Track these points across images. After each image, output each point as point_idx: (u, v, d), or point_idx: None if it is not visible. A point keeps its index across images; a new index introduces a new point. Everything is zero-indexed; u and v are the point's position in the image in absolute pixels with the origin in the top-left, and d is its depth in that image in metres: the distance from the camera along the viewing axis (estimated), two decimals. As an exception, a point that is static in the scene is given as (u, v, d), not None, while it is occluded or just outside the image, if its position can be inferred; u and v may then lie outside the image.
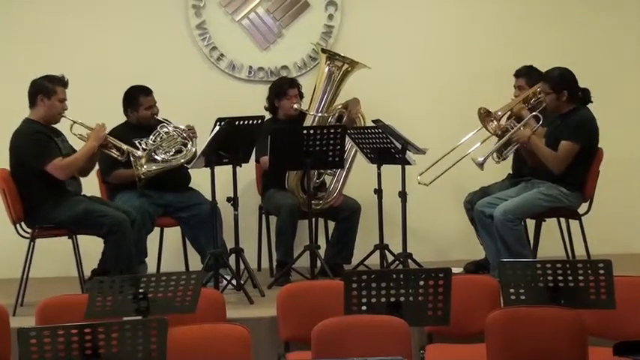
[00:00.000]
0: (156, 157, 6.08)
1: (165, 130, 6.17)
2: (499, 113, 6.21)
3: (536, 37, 7.24)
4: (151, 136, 6.15)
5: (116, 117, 6.35)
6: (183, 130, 6.18)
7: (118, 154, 5.96)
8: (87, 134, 5.90)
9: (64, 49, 6.89)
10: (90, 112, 5.98)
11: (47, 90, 5.81)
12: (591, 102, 6.07)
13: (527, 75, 6.38)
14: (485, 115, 6.16)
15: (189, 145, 6.15)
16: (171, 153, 6.13)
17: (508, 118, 6.22)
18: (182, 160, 6.12)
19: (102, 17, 6.99)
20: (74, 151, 5.94)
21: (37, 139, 5.78)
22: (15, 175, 5.85)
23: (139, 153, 5.96)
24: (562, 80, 6.00)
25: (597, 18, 7.35)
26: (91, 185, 6.23)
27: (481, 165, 6.00)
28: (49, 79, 5.84)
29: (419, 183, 6.25)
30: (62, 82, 5.85)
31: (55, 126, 5.94)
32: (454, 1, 7.29)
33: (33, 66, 6.60)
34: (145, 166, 5.95)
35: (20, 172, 5.82)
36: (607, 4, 7.36)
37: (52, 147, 5.80)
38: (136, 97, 6.35)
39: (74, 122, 5.89)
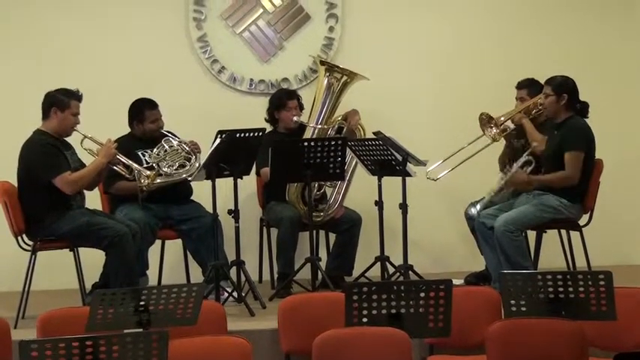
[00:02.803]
0: (159, 170, 6.09)
1: (169, 144, 6.19)
2: (502, 119, 6.24)
3: (535, 49, 7.26)
4: (155, 149, 6.17)
5: (118, 129, 6.35)
6: (187, 144, 6.20)
7: (125, 171, 5.97)
8: (96, 149, 5.92)
9: (66, 62, 6.91)
10: (92, 124, 5.98)
11: (62, 103, 5.84)
12: (587, 117, 6.09)
13: (529, 87, 6.41)
14: (486, 121, 6.21)
15: (192, 160, 6.16)
16: (174, 167, 6.14)
17: (509, 126, 6.25)
18: (185, 175, 6.12)
19: (103, 30, 7.01)
20: (82, 164, 5.96)
21: (47, 151, 5.80)
22: (21, 185, 5.87)
23: (147, 172, 5.96)
24: (565, 84, 6.06)
25: (597, 30, 7.37)
26: (92, 196, 6.23)
27: (479, 213, 6.01)
28: (64, 93, 5.87)
29: (427, 178, 6.23)
30: (76, 96, 5.89)
31: (66, 139, 5.96)
32: (453, 13, 7.31)
33: (34, 79, 6.65)
34: (148, 179, 5.95)
35: (27, 182, 5.84)
36: (608, 16, 7.38)
37: (61, 160, 5.82)
38: (142, 111, 6.36)
39: (85, 137, 5.91)
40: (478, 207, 6.06)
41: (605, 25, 7.37)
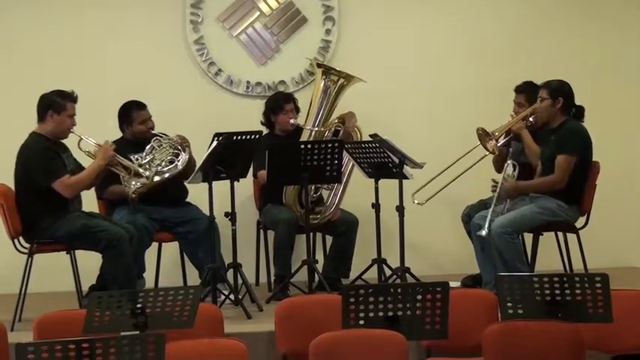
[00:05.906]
0: (153, 170, 6.05)
1: (158, 143, 6.16)
2: (496, 133, 6.24)
3: (533, 53, 7.27)
4: (146, 150, 6.13)
5: (114, 131, 6.36)
6: (175, 140, 6.17)
7: (124, 172, 5.96)
8: (94, 151, 5.91)
9: (62, 64, 6.91)
10: (88, 127, 5.98)
11: (58, 105, 5.81)
12: (582, 121, 6.09)
13: (527, 91, 6.39)
14: (483, 135, 6.21)
15: (181, 155, 6.13)
16: (162, 166, 6.10)
17: (507, 136, 6.26)
18: (174, 171, 6.08)
19: (100, 32, 7.01)
20: (79, 165, 5.95)
21: (45, 156, 5.77)
22: (18, 188, 5.85)
23: (147, 173, 5.94)
24: (560, 88, 6.06)
25: (594, 32, 7.38)
26: (89, 200, 6.23)
27: (488, 234, 5.98)
28: (59, 95, 5.84)
29: (414, 202, 6.28)
30: (72, 97, 5.86)
31: (62, 140, 5.94)
32: (450, 16, 7.31)
33: (31, 81, 6.64)
34: (133, 183, 5.94)
35: (24, 185, 5.82)
36: (605, 19, 7.39)
37: (59, 164, 5.80)
38: (130, 113, 6.35)
39: (82, 138, 5.89)
40: (484, 231, 5.96)
41: (604, 28, 7.38)
